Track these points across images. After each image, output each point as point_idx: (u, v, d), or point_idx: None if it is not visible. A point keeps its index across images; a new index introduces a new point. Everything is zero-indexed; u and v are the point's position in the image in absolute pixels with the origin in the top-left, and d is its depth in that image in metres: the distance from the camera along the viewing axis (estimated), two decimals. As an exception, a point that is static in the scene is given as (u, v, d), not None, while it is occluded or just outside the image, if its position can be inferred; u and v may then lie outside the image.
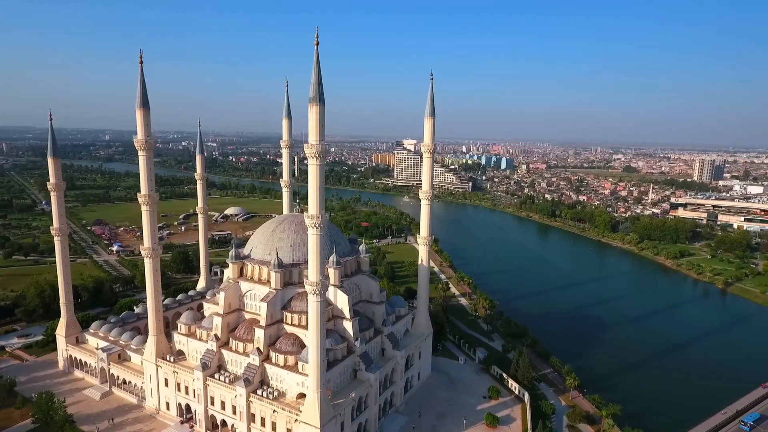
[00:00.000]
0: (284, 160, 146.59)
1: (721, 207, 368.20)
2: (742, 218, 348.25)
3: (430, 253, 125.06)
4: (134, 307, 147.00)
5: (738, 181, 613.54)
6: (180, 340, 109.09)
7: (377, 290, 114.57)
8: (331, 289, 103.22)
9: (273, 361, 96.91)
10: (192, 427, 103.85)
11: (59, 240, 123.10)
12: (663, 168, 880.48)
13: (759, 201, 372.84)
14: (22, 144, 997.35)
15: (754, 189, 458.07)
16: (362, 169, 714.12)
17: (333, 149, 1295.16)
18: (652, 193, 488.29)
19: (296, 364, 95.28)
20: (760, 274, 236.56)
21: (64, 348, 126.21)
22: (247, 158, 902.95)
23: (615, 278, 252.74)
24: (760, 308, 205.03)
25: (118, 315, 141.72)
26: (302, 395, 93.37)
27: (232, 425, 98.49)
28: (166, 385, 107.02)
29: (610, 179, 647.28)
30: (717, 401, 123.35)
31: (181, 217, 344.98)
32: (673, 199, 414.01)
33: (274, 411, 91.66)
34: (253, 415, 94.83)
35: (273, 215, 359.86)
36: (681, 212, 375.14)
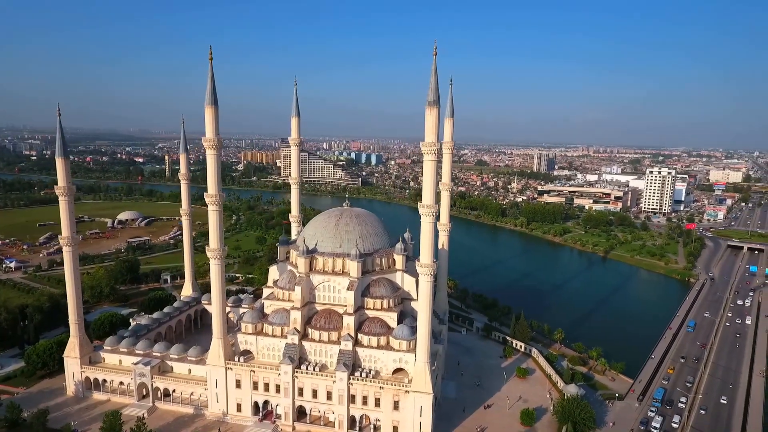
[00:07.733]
0: (293, 158, 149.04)
1: (575, 192, 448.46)
2: (591, 201, 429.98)
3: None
4: (131, 320, 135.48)
5: (567, 171, 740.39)
6: (246, 340, 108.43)
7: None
8: (398, 273, 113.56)
9: (366, 344, 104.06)
10: (274, 422, 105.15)
11: (69, 251, 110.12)
12: (506, 162, 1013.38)
13: (600, 186, 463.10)
14: None
15: (591, 177, 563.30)
16: (239, 167, 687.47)
17: (189, 146, 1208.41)
18: (515, 183, 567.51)
19: (388, 343, 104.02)
20: (623, 243, 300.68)
21: (77, 371, 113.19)
22: (93, 158, 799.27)
23: (522, 255, 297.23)
24: (632, 268, 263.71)
25: (103, 332, 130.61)
26: (398, 370, 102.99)
27: (325, 411, 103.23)
28: (238, 386, 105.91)
29: (472, 172, 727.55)
30: (647, 341, 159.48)
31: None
32: (539, 187, 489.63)
33: (381, 388, 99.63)
34: (353, 396, 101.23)
35: (176, 218, 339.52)
36: (546, 198, 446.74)
